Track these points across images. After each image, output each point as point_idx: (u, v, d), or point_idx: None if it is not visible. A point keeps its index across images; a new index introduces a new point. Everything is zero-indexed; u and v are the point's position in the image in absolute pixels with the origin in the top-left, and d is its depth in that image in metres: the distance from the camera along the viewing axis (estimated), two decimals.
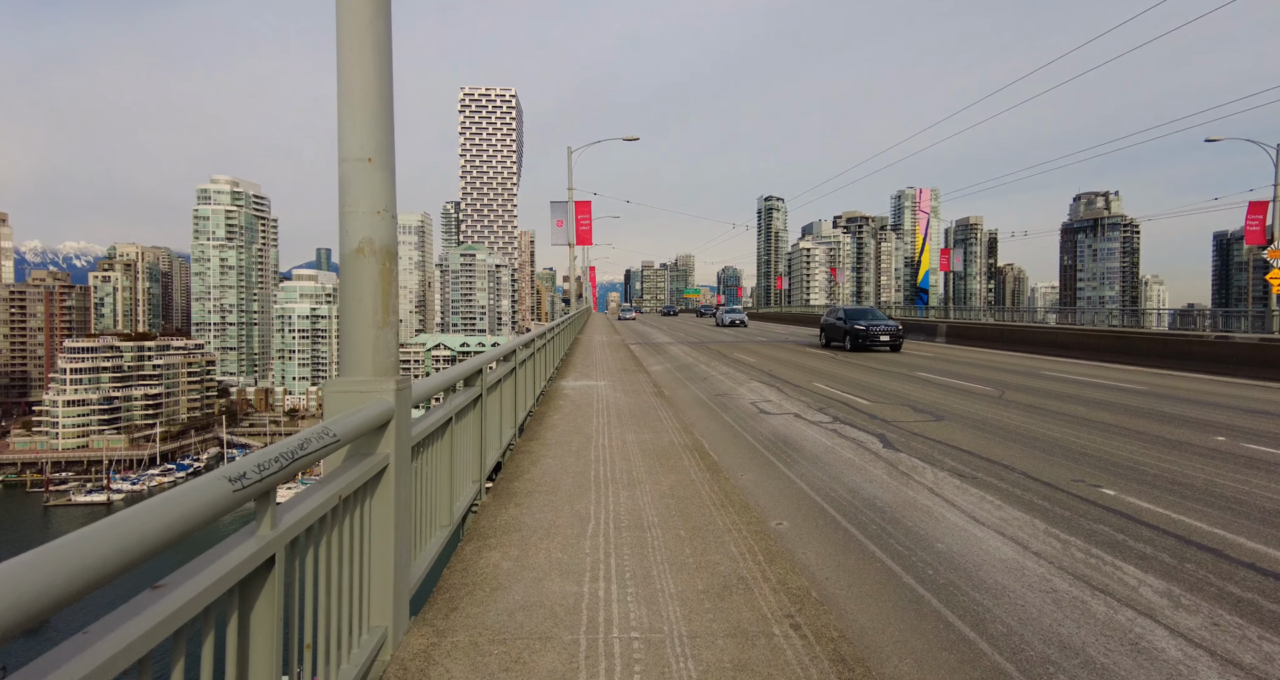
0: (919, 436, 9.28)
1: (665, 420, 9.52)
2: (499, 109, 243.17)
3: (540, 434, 8.28)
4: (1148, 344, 20.43)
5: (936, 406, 11.84)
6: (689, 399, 13.47)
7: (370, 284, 3.08)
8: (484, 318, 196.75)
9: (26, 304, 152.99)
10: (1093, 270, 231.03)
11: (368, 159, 3.07)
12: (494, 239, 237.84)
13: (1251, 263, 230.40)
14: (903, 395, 13.28)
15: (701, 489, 5.87)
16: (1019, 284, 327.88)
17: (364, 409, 2.79)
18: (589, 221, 31.84)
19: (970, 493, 6.52)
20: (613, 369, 16.83)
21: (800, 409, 11.87)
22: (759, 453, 8.54)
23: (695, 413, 11.75)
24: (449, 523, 4.32)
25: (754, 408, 12.14)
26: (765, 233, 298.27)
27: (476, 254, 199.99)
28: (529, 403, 9.24)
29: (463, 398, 4.91)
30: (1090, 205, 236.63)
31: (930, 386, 14.59)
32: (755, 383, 15.78)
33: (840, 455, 8.28)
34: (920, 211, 77.62)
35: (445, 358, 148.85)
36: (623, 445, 7.68)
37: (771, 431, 9.89)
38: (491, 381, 5.97)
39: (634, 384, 13.79)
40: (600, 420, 9.35)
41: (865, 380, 15.82)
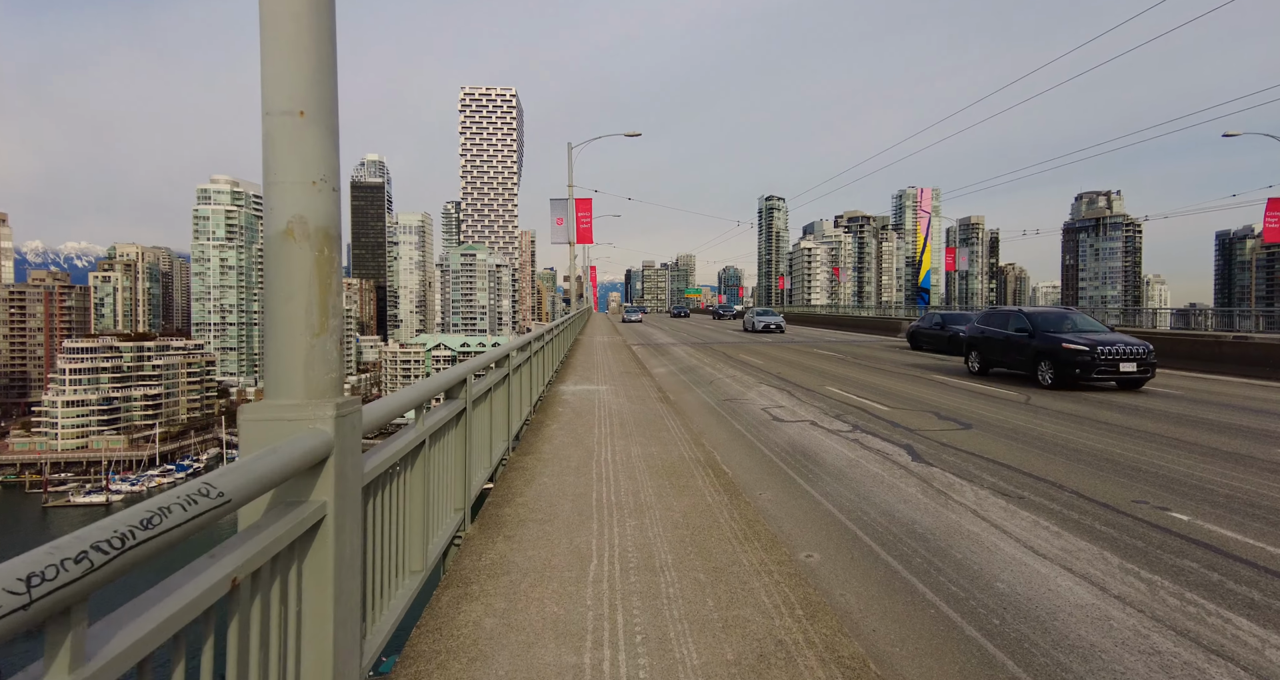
0: (949, 448, 8.52)
1: (673, 429, 8.78)
2: (499, 109, 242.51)
3: (537, 447, 7.53)
4: (1170, 345, 19.65)
5: (961, 413, 11.09)
6: (696, 405, 12.72)
7: (303, 277, 2.33)
8: (484, 318, 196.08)
9: (26, 304, 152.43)
10: (1095, 270, 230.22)
11: (298, 112, 2.32)
12: (494, 239, 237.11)
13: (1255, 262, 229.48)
14: (922, 400, 12.53)
15: (720, 515, 5.12)
16: (1020, 284, 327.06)
17: (283, 447, 2.04)
18: (589, 220, 31.10)
19: (1020, 516, 5.77)
20: (615, 372, 16.09)
21: (816, 416, 11.12)
22: (776, 467, 7.79)
23: (704, 420, 11.00)
24: (423, 567, 3.57)
25: (766, 414, 11.39)
26: (766, 232, 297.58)
27: (477, 254, 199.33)
28: (524, 411, 8.49)
29: (443, 413, 4.16)
30: (1092, 204, 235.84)
31: (950, 391, 13.83)
32: (764, 387, 15.03)
33: (866, 469, 7.53)
34: (921, 211, 76.87)
35: (445, 358, 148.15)
36: (628, 460, 6.93)
37: (788, 441, 9.13)
38: (479, 392, 5.23)
39: (638, 388, 13.05)
40: (602, 430, 8.60)
41: (880, 384, 15.06)
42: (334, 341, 2.43)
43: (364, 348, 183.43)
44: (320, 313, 2.37)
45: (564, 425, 8.89)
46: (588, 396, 11.72)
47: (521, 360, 7.99)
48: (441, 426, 4.15)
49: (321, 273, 2.37)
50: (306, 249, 2.34)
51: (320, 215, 2.37)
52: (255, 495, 1.88)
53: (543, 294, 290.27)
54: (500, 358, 6.45)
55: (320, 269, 2.37)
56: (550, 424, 8.95)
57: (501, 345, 6.74)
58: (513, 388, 7.13)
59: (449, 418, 4.30)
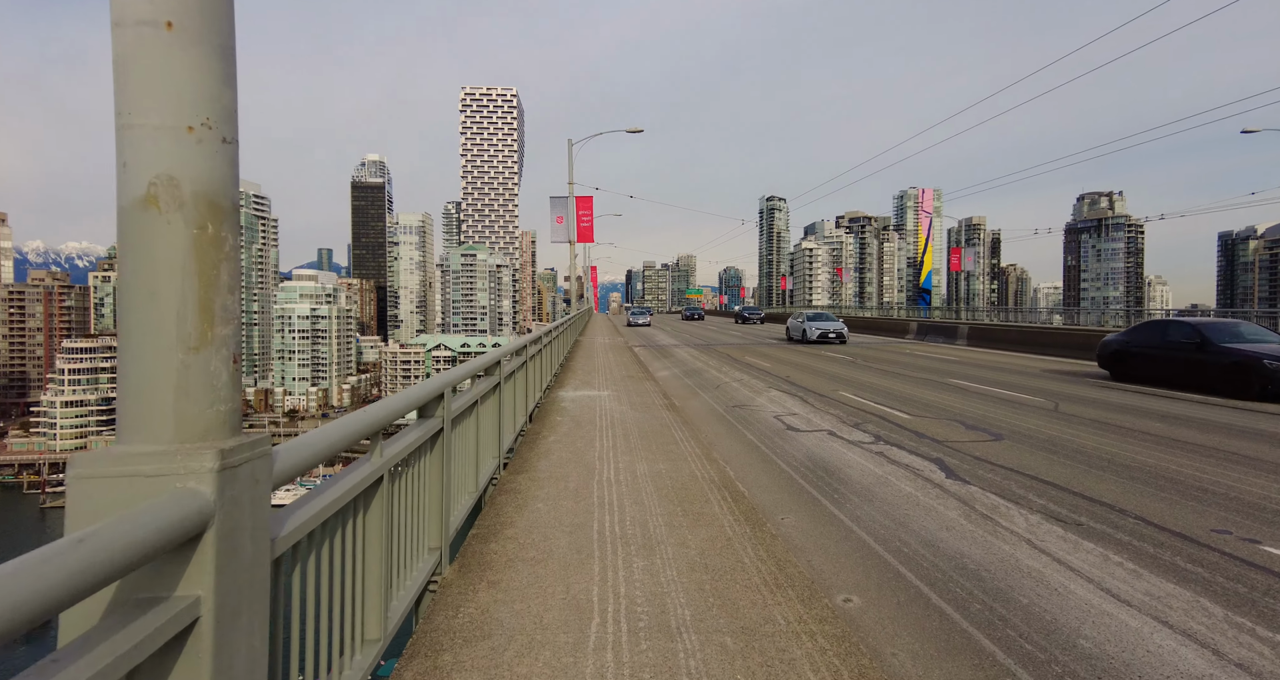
0: (984, 462, 7.77)
1: (681, 442, 8.03)
2: (500, 109, 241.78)
3: (531, 463, 6.79)
4: None
5: (988, 421, 10.34)
6: (703, 411, 11.97)
7: (171, 264, 1.59)
8: (485, 318, 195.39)
9: (25, 304, 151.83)
10: (1096, 270, 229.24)
11: (163, 22, 1.59)
12: (495, 239, 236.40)
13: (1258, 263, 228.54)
14: (944, 407, 11.77)
15: (743, 553, 4.38)
16: (1022, 284, 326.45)
17: (115, 524, 1.31)
18: (590, 218, 30.35)
19: (1084, 548, 5.02)
20: (616, 376, 15.34)
21: (833, 425, 10.37)
22: (797, 485, 7.05)
23: (713, 429, 10.25)
24: (380, 635, 2.83)
25: (779, 423, 10.64)
26: (767, 233, 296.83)
27: (477, 254, 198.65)
28: (519, 422, 7.75)
29: (413, 437, 3.43)
30: (1094, 205, 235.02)
31: (972, 397, 13.08)
32: (774, 392, 14.28)
33: (897, 488, 6.78)
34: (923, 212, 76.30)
35: (446, 358, 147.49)
36: (633, 479, 6.19)
37: (806, 455, 8.38)
38: (462, 407, 4.49)
39: (641, 394, 12.30)
40: (604, 442, 7.85)
41: (896, 389, 14.31)
42: (222, 359, 1.69)
43: (364, 348, 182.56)
44: (200, 317, 1.63)
45: (563, 437, 8.14)
46: (589, 403, 10.97)
47: (515, 367, 7.24)
48: (412, 453, 3.42)
49: (202, 259, 1.63)
50: (179, 224, 1.60)
51: (202, 176, 1.63)
52: (67, 602, 1.15)
53: (543, 294, 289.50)
54: (490, 364, 5.71)
55: (201, 254, 1.63)
56: (548, 435, 8.20)
57: (491, 351, 6.00)
58: (504, 398, 6.39)
59: (422, 440, 3.57)
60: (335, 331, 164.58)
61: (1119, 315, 51.96)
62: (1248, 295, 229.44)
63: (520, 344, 7.69)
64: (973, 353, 23.92)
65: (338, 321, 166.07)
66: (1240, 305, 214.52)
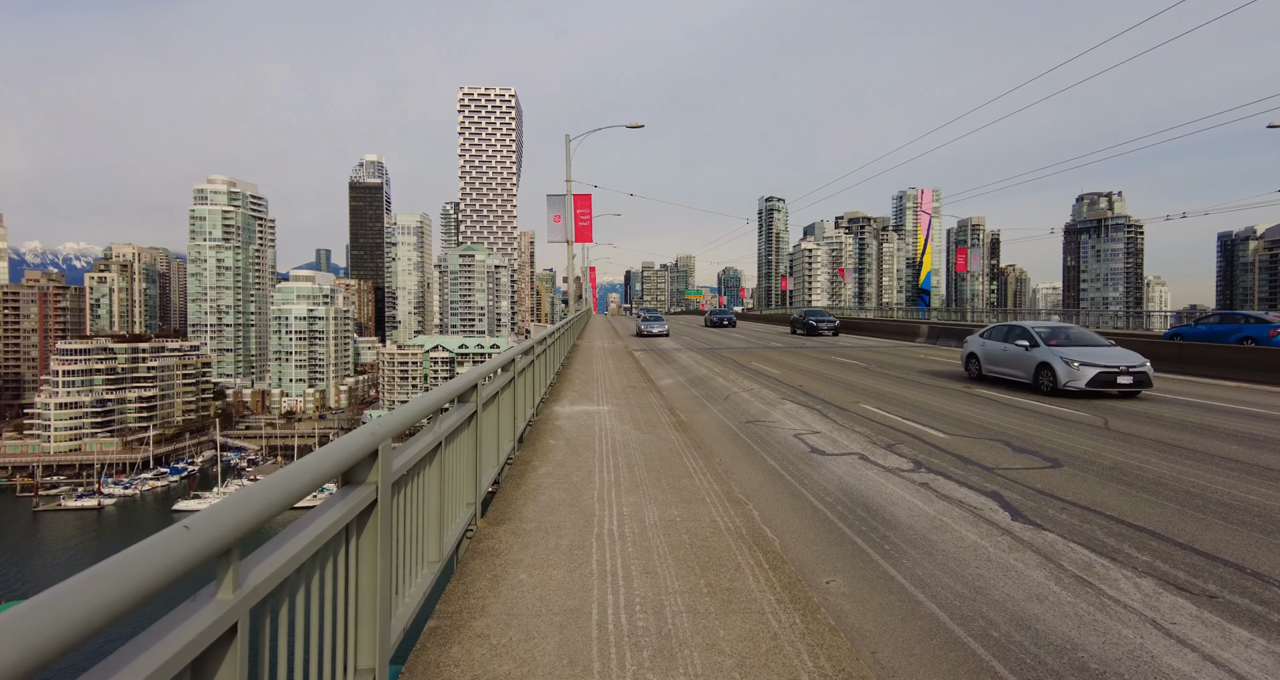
0: (1049, 497, 6.60)
1: (695, 473, 6.86)
2: (498, 109, 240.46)
3: (516, 507, 5.60)
4: (1222, 354, 17.71)
5: (1035, 442, 9.16)
6: (714, 429, 10.79)
7: None
8: (483, 319, 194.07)
9: (20, 305, 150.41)
10: (1096, 271, 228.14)
11: None
12: (493, 240, 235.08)
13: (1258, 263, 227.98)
14: (981, 424, 10.60)
15: (796, 660, 3.20)
16: (1021, 285, 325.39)
17: None
18: (589, 217, 29.16)
19: (1236, 638, 3.85)
20: (617, 386, 14.17)
21: (863, 446, 9.19)
22: (837, 531, 5.87)
23: (727, 451, 9.08)
24: None
25: (800, 443, 9.46)
26: (766, 233, 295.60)
27: (476, 255, 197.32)
28: (504, 452, 6.57)
29: (335, 516, 2.25)
30: (1093, 206, 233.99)
31: (1008, 411, 11.90)
32: (789, 404, 13.10)
33: (958, 535, 5.61)
34: (922, 212, 75.28)
35: (444, 359, 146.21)
36: (641, 532, 5.01)
37: (839, 486, 7.21)
38: (419, 454, 3.31)
39: (645, 408, 11.13)
40: (605, 474, 6.68)
41: (921, 401, 13.13)
42: None
43: (362, 349, 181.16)
44: None
45: (556, 466, 6.96)
46: (586, 421, 9.79)
47: (499, 386, 6.07)
48: (335, 536, 2.25)
49: None
50: None
51: None
52: None
53: (542, 295, 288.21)
54: (463, 390, 4.52)
55: None
56: (538, 466, 7.02)
57: (466, 373, 4.80)
58: (484, 428, 5.21)
59: (347, 518, 2.38)
60: (333, 332, 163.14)
61: (1119, 316, 50.97)
62: (1248, 296, 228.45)
63: (506, 359, 6.51)
64: None
65: (335, 322, 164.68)
66: (1241, 305, 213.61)
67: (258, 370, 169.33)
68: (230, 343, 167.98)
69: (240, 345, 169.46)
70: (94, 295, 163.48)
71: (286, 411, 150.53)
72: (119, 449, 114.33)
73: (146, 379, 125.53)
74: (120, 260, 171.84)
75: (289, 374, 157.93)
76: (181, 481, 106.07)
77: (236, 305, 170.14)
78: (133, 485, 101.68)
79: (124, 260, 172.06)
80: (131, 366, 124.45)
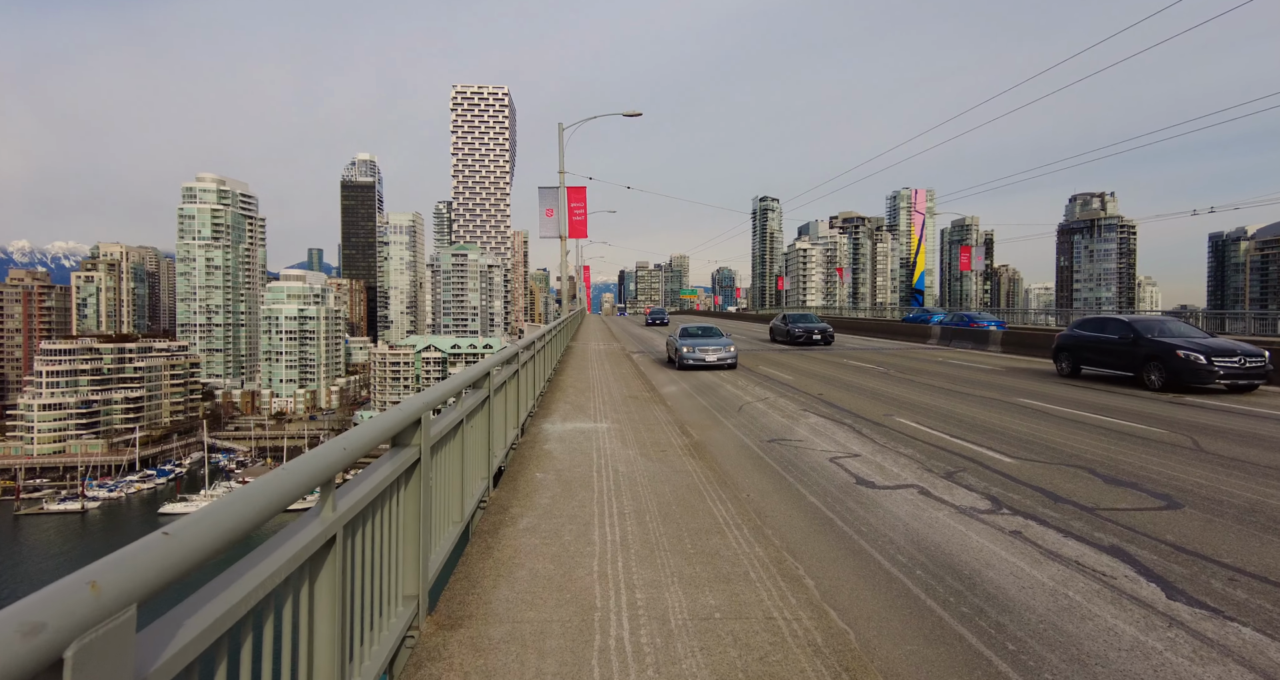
0: (1198, 559, 4.97)
1: (725, 523, 5.21)
2: (492, 107, 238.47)
3: (483, 591, 3.91)
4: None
5: (1125, 469, 7.55)
6: (732, 450, 9.14)
7: None
8: (476, 319, 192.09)
9: (4, 305, 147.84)
10: (1089, 271, 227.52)
11: None
12: (486, 239, 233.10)
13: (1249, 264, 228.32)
14: (1046, 444, 8.98)
15: None
16: (1014, 285, 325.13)
17: None
18: (584, 211, 27.48)
19: None
20: (615, 396, 12.51)
21: (916, 474, 7.56)
22: (931, 615, 4.23)
23: (753, 482, 7.44)
24: None
25: (841, 471, 7.82)
26: (760, 233, 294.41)
27: (468, 254, 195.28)
28: (475, 494, 4.91)
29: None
30: (1086, 206, 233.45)
31: (1070, 426, 10.28)
32: (813, 417, 11.46)
33: (1106, 627, 3.98)
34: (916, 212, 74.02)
35: (436, 359, 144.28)
36: (666, 645, 3.33)
37: (910, 538, 5.58)
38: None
39: (650, 425, 9.47)
40: (608, 530, 5.02)
41: (962, 412, 11.51)
42: None
43: (353, 349, 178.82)
44: None
45: (542, 518, 5.29)
46: (582, 443, 8.13)
47: (468, 410, 4.40)
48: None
49: None
50: None
51: None
52: None
53: (535, 295, 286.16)
54: (406, 421, 2.87)
55: None
56: (520, 514, 5.35)
57: (408, 400, 3.13)
58: (442, 474, 3.55)
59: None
60: (324, 332, 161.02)
61: None
62: (1238, 296, 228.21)
63: (474, 375, 4.84)
64: (1017, 362, 21.18)
65: (326, 322, 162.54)
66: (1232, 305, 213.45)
67: (248, 371, 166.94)
68: (220, 343, 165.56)
69: (230, 345, 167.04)
70: (81, 295, 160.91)
71: (277, 412, 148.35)
72: (104, 451, 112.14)
73: (133, 380, 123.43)
74: (108, 259, 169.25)
75: (279, 374, 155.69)
76: (168, 484, 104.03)
77: (226, 305, 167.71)
78: (118, 488, 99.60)
79: (111, 259, 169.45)
80: (118, 367, 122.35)
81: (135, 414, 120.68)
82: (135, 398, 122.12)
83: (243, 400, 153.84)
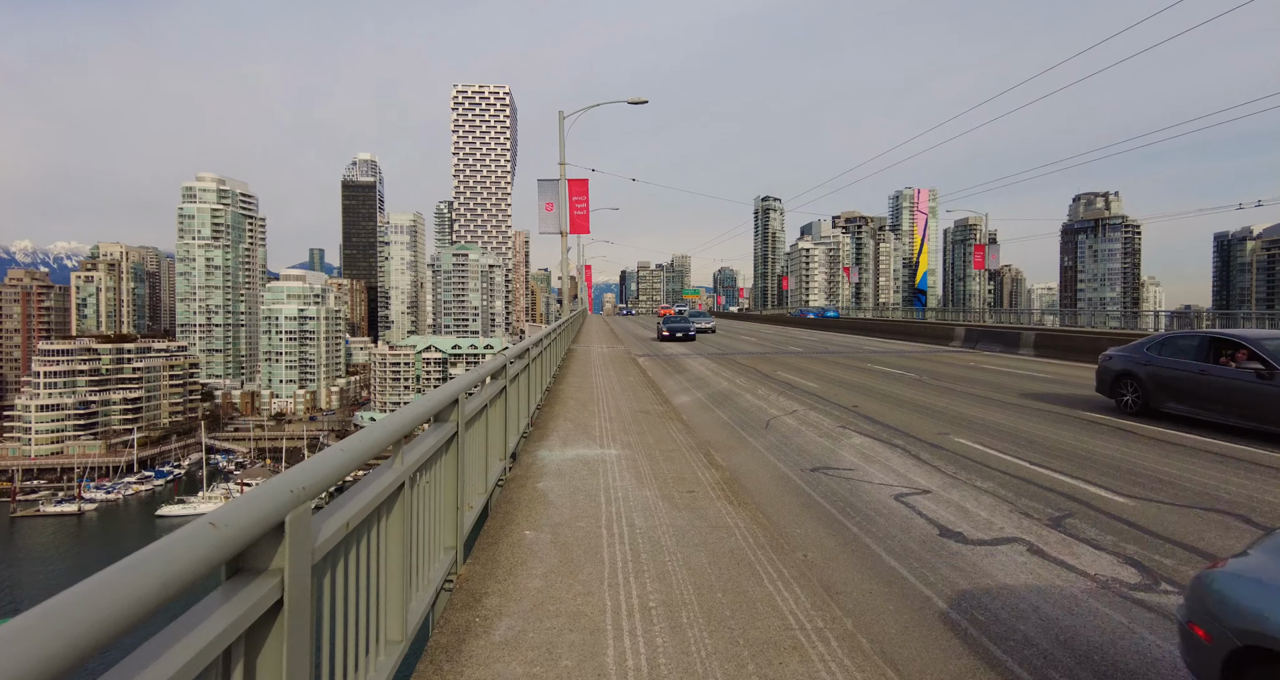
0: None
1: (791, 615, 3.53)
2: (493, 107, 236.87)
3: None
4: None
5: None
6: (772, 484, 7.45)
7: None
8: (477, 319, 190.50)
9: (2, 305, 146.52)
10: (1093, 271, 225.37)
11: None
12: (488, 239, 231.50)
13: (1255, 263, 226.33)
14: (1157, 474, 7.29)
15: None
16: (1016, 285, 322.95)
17: None
18: (585, 205, 25.80)
19: None
20: (624, 410, 10.83)
21: (1013, 521, 5.88)
22: None
23: (811, 536, 5.76)
24: None
25: (913, 514, 6.14)
26: (762, 233, 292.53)
27: (469, 254, 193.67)
28: (436, 575, 3.25)
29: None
30: (1090, 206, 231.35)
31: (1174, 451, 8.56)
32: (856, 436, 9.78)
33: None
34: (919, 212, 72.45)
35: (436, 359, 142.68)
36: None
37: (1056, 639, 3.90)
38: None
39: (669, 451, 7.78)
40: (626, 647, 3.33)
41: (1030, 431, 9.81)
42: None
43: (354, 349, 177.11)
44: None
45: (529, 619, 3.61)
46: (585, 481, 6.45)
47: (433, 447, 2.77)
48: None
49: None
50: None
51: None
52: None
53: (537, 295, 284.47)
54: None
55: None
56: (499, 611, 3.66)
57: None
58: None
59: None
60: (324, 333, 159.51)
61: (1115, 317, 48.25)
62: (1244, 297, 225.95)
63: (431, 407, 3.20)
64: (1057, 368, 19.49)
65: (326, 322, 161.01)
66: (1238, 306, 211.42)
67: (248, 371, 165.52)
68: (220, 343, 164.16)
69: (230, 346, 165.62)
70: (81, 295, 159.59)
71: (276, 413, 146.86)
72: (102, 452, 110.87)
73: (132, 380, 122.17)
74: (108, 259, 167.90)
75: (279, 375, 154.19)
76: (166, 485, 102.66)
77: (226, 305, 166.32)
78: (115, 490, 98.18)
79: (111, 259, 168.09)
80: (116, 367, 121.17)
81: (134, 415, 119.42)
82: (134, 398, 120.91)
83: (242, 401, 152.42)
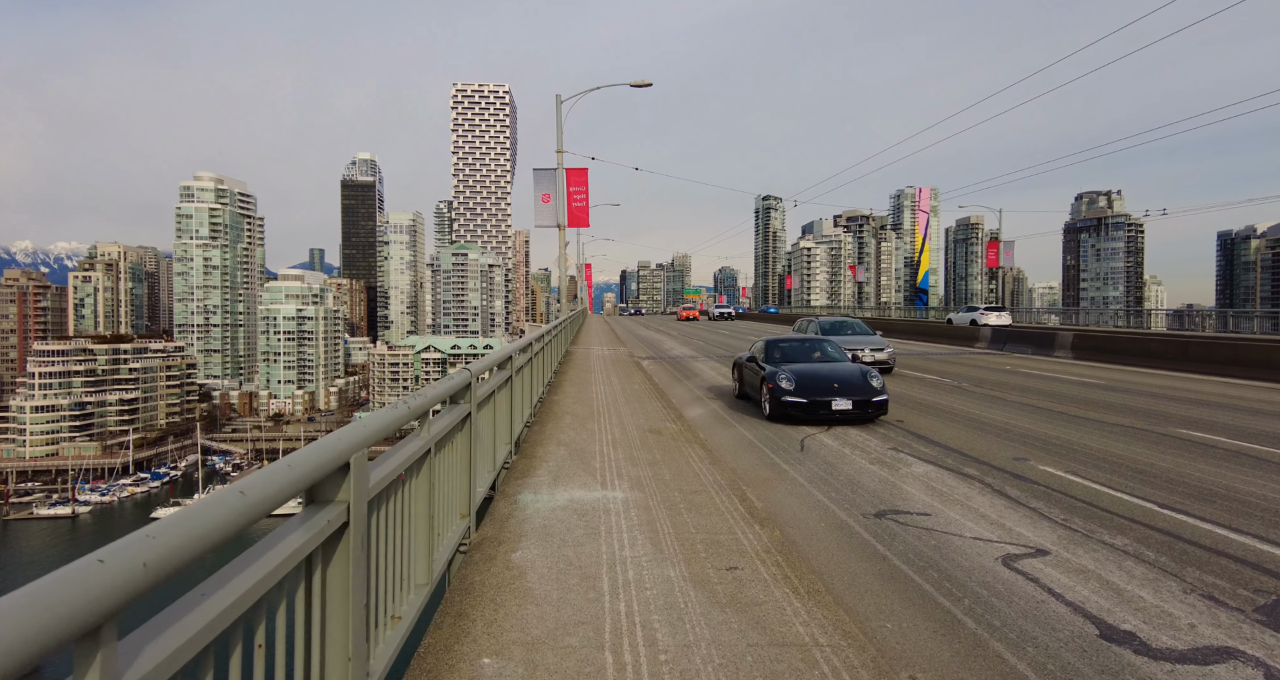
0: None
1: None
2: (493, 106, 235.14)
3: None
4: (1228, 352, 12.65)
5: None
6: (831, 541, 5.61)
7: None
8: (477, 319, 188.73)
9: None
10: (1096, 270, 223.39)
11: None
12: (487, 238, 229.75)
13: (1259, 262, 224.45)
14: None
15: None
16: (1018, 285, 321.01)
17: None
18: (585, 197, 23.98)
19: None
20: (630, 430, 9.00)
21: (1203, 614, 4.05)
22: None
23: (902, 626, 3.94)
24: None
25: (1045, 595, 4.31)
26: (764, 232, 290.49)
27: (469, 253, 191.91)
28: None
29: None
30: (1092, 204, 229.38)
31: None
32: (916, 463, 7.96)
33: None
34: (920, 211, 70.92)
35: (435, 359, 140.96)
36: None
37: None
38: None
39: (689, 491, 5.95)
40: None
41: (1120, 453, 7.98)
42: None
43: (353, 349, 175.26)
44: None
45: None
46: (582, 550, 4.61)
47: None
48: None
49: None
50: None
51: None
52: None
53: (537, 295, 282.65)
54: None
55: None
56: None
57: None
58: None
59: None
60: (322, 333, 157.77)
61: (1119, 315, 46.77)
62: (1249, 295, 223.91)
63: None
64: (1105, 372, 17.66)
65: (325, 322, 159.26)
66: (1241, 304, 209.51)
67: (246, 371, 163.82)
68: (218, 343, 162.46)
69: (228, 346, 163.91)
70: (78, 295, 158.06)
71: (275, 414, 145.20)
72: (98, 453, 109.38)
73: (128, 381, 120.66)
74: (105, 259, 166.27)
75: (277, 375, 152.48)
76: (162, 487, 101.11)
77: (224, 305, 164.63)
78: (110, 492, 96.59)
79: (109, 259, 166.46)
80: (112, 368, 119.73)
81: (130, 416, 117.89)
82: (130, 399, 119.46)
83: (240, 401, 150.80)
